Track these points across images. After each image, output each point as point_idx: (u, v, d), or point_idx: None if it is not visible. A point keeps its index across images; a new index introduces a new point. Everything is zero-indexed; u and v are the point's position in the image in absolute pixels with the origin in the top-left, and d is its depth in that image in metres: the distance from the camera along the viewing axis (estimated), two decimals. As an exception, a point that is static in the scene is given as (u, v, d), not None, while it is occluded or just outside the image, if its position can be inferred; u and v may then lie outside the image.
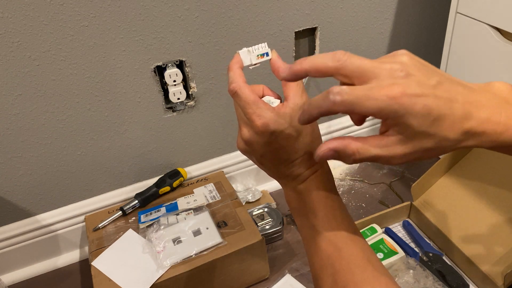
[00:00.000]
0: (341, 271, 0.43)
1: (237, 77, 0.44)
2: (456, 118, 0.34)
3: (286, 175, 0.46)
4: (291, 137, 0.43)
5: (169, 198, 0.94)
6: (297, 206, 0.47)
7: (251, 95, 0.42)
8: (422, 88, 0.34)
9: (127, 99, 0.87)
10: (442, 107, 0.34)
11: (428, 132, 0.34)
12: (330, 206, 0.45)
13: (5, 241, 0.91)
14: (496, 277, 0.77)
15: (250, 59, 0.46)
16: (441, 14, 1.06)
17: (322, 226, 0.44)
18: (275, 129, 0.42)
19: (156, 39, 0.82)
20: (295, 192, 0.47)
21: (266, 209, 0.99)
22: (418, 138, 0.34)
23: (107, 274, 0.77)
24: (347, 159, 0.37)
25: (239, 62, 0.46)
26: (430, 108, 0.33)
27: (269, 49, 0.46)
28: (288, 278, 0.87)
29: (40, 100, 0.80)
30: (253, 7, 0.87)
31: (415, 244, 0.92)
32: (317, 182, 0.46)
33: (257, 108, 0.42)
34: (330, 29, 0.97)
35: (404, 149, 0.35)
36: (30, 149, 0.84)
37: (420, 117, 0.33)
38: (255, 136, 0.43)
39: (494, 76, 0.83)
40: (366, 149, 0.36)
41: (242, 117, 0.44)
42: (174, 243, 0.81)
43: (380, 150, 0.36)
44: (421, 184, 0.93)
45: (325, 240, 0.44)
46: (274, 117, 0.42)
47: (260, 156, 0.45)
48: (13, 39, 0.72)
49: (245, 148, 0.45)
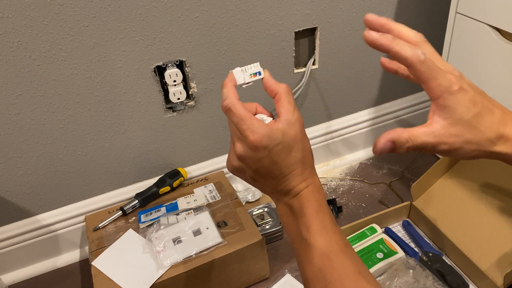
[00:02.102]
0: (333, 282, 0.44)
1: (230, 94, 0.46)
2: (495, 121, 0.41)
3: (278, 190, 0.48)
4: (283, 153, 0.45)
5: (169, 198, 0.94)
6: (289, 220, 0.48)
7: (244, 111, 0.44)
8: (473, 89, 0.41)
9: (127, 99, 0.87)
10: (485, 109, 0.40)
11: (470, 123, 0.40)
12: (322, 220, 0.46)
13: (5, 241, 0.91)
14: (496, 277, 0.78)
15: (243, 78, 0.48)
16: (441, 14, 1.07)
17: (314, 239, 0.46)
18: (268, 144, 0.44)
19: (156, 39, 0.82)
20: (287, 206, 0.48)
21: (266, 209, 0.99)
22: (461, 125, 0.40)
23: (107, 274, 0.77)
24: (401, 148, 0.41)
25: (233, 80, 0.48)
26: (476, 103, 0.40)
27: (262, 69, 0.49)
28: (288, 278, 0.87)
29: (40, 100, 0.80)
30: (253, 7, 0.87)
31: (415, 244, 0.92)
32: (309, 196, 0.47)
33: (250, 124, 0.44)
34: (330, 29, 0.97)
35: (448, 135, 0.40)
36: (30, 149, 0.84)
37: (466, 107, 0.39)
38: (249, 151, 0.45)
39: (494, 76, 0.83)
40: (416, 135, 0.41)
41: (235, 133, 0.46)
42: (174, 243, 0.81)
43: (428, 136, 0.40)
44: (421, 184, 0.93)
45: (317, 252, 0.45)
46: (267, 133, 0.44)
47: (253, 172, 0.46)
48: (13, 39, 0.72)
49: (238, 164, 0.47)
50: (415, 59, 0.39)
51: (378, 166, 1.17)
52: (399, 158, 1.19)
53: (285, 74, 0.99)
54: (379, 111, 1.17)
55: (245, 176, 0.49)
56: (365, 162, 1.19)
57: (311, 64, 1.00)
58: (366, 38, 0.41)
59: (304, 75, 1.00)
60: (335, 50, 1.01)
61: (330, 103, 1.09)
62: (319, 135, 1.12)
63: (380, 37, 0.40)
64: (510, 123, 0.41)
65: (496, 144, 0.41)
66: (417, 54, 0.39)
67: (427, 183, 0.94)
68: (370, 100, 1.14)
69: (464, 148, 0.41)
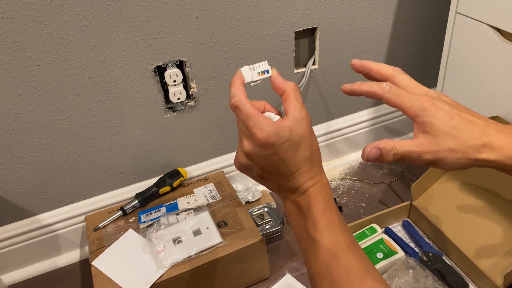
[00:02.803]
0: (340, 280, 0.44)
1: (238, 92, 0.46)
2: (477, 131, 0.43)
3: (285, 188, 0.48)
4: (290, 150, 0.45)
5: (169, 198, 0.94)
6: (296, 218, 0.49)
7: (252, 109, 0.45)
8: (448, 105, 0.44)
9: (127, 99, 0.87)
10: (464, 120, 0.43)
11: (450, 133, 0.43)
12: (329, 218, 0.47)
13: (5, 241, 0.91)
14: (496, 277, 0.78)
15: (251, 76, 0.49)
16: (441, 14, 1.07)
17: (321, 237, 0.46)
18: (276, 142, 0.44)
19: (156, 39, 0.82)
20: (295, 204, 0.48)
21: (266, 209, 0.99)
22: (442, 136, 0.43)
23: (107, 274, 0.77)
24: (388, 155, 0.44)
25: (241, 78, 0.48)
26: (452, 117, 0.43)
27: (270, 67, 0.49)
28: (288, 278, 0.87)
29: (40, 100, 0.80)
30: (253, 7, 0.87)
31: (415, 244, 0.92)
32: (316, 194, 0.47)
33: (258, 121, 0.44)
34: (330, 29, 0.97)
35: (431, 145, 0.43)
36: (31, 149, 0.84)
37: (443, 120, 0.43)
38: (256, 149, 0.45)
39: (494, 76, 0.83)
40: (402, 145, 0.44)
41: (243, 131, 0.46)
42: (174, 243, 0.81)
43: (412, 146, 0.44)
44: (421, 184, 0.93)
45: (324, 250, 0.46)
46: (275, 130, 0.44)
47: (260, 169, 0.47)
48: (13, 39, 0.72)
49: (246, 161, 0.47)
50: (381, 92, 0.45)
51: (378, 166, 1.17)
52: (399, 158, 1.18)
53: (285, 74, 0.99)
54: (379, 111, 1.17)
55: (253, 174, 0.49)
56: (365, 162, 1.19)
57: (311, 64, 1.00)
58: (343, 90, 0.48)
59: (304, 75, 1.00)
60: (335, 50, 1.01)
61: (330, 103, 1.09)
62: (319, 135, 1.12)
63: (352, 86, 0.48)
64: (493, 132, 0.44)
65: (481, 152, 0.43)
66: (382, 87, 0.45)
67: (427, 183, 0.94)
68: (370, 100, 1.14)
69: (449, 157, 0.43)
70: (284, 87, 0.48)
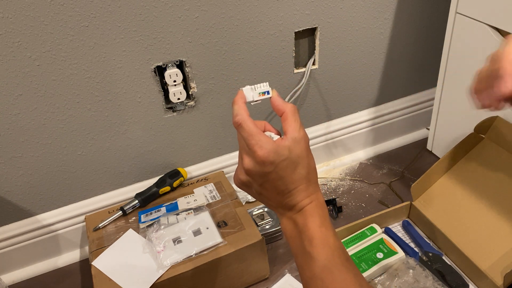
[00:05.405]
0: None
1: (241, 110, 0.48)
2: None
3: (283, 205, 0.50)
4: (289, 169, 0.47)
5: (169, 198, 0.94)
6: (293, 235, 0.50)
7: (254, 127, 0.47)
8: None
9: (127, 99, 0.87)
10: None
11: None
12: (325, 235, 0.48)
13: (5, 241, 0.91)
14: (495, 277, 0.78)
15: (252, 96, 0.51)
16: (441, 14, 1.07)
17: (317, 252, 0.48)
18: (275, 160, 0.46)
19: (156, 39, 0.82)
20: (291, 221, 0.50)
21: (266, 209, 0.99)
22: None
23: (107, 274, 0.77)
24: None
25: (243, 97, 0.50)
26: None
27: (270, 88, 0.51)
28: (288, 278, 0.87)
29: (40, 100, 0.80)
30: (253, 7, 0.87)
31: (414, 244, 0.92)
32: (313, 211, 0.49)
33: (259, 139, 0.46)
34: (330, 29, 0.97)
35: None
36: (31, 149, 0.84)
37: None
38: (256, 166, 0.47)
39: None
40: None
41: (244, 148, 0.48)
42: (174, 243, 0.81)
43: None
44: (421, 184, 0.93)
45: (319, 266, 0.47)
46: (274, 149, 0.46)
47: (259, 186, 0.48)
48: (13, 39, 0.72)
49: (245, 178, 0.49)
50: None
51: (378, 166, 1.17)
52: (399, 158, 1.19)
53: (285, 74, 0.99)
54: (379, 111, 1.17)
55: (252, 191, 0.51)
56: (365, 162, 1.19)
57: (311, 64, 1.00)
58: None
59: (304, 75, 1.00)
60: (335, 50, 1.01)
61: (330, 103, 1.09)
62: (319, 135, 1.12)
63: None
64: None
65: None
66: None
67: (427, 183, 0.94)
68: (370, 100, 1.14)
69: None
70: (284, 108, 0.49)
